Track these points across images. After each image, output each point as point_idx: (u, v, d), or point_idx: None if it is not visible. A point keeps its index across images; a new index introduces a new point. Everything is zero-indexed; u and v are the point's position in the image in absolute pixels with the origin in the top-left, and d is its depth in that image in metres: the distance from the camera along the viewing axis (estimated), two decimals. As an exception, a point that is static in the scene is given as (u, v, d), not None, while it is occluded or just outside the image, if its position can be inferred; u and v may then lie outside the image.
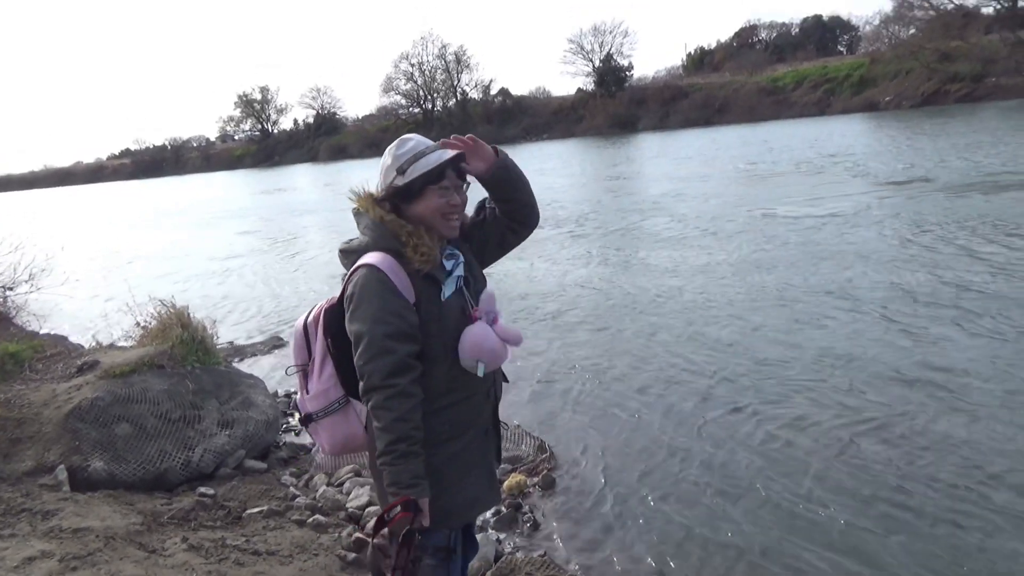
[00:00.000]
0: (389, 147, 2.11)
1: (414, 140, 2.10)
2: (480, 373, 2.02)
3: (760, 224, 11.79)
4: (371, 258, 2.00)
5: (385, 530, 1.87)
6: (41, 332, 9.03)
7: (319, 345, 2.11)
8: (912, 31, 44.11)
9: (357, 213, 2.15)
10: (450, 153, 2.06)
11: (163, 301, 5.80)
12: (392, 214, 2.05)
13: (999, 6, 40.53)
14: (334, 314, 2.10)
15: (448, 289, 2.06)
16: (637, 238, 12.10)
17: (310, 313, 2.19)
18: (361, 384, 1.95)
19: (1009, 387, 4.91)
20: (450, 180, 2.06)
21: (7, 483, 3.99)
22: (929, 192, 12.68)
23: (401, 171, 2.04)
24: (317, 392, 2.10)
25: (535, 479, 4.44)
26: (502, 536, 3.94)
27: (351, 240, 2.17)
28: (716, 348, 6.35)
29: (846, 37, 65.31)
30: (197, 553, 3.37)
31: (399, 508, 1.86)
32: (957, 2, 41.73)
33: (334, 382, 2.09)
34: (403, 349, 1.92)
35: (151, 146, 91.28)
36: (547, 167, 28.80)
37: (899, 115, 35.27)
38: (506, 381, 2.36)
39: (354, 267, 2.04)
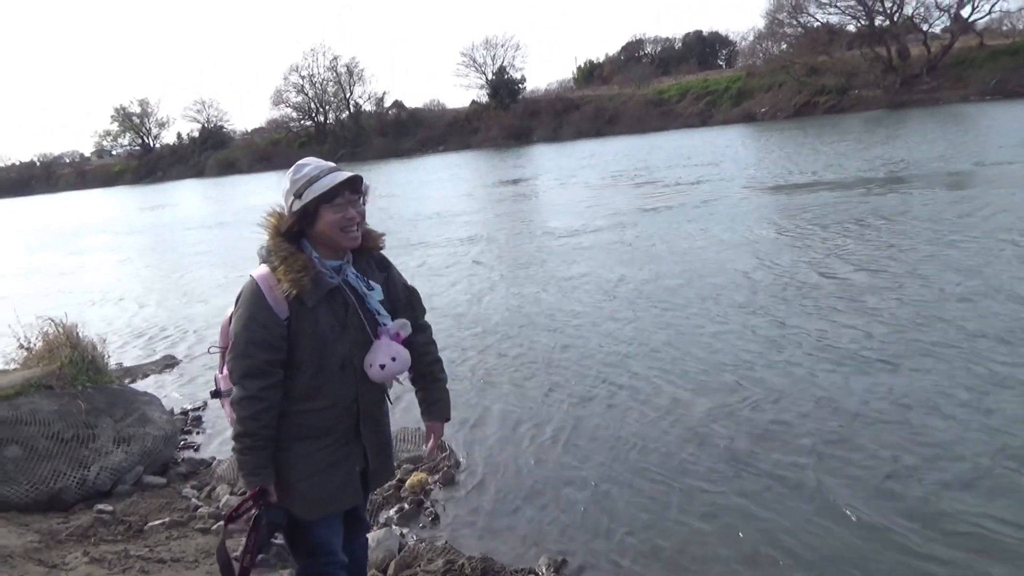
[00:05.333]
0: (288, 172, 2.30)
1: (310, 165, 2.28)
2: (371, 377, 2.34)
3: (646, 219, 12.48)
4: (257, 271, 2.30)
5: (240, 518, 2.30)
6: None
7: None
8: (783, 46, 47.29)
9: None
10: (342, 176, 2.23)
11: (52, 319, 5.64)
12: (279, 238, 2.28)
13: (859, 24, 44.06)
14: None
15: (319, 301, 2.27)
16: (534, 251, 12.52)
17: None
18: None
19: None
20: (344, 198, 2.24)
21: None
22: (798, 193, 13.82)
23: (298, 195, 2.23)
24: (228, 374, 2.35)
25: (436, 476, 4.67)
26: (405, 531, 4.14)
27: (263, 246, 2.40)
28: (597, 344, 6.77)
29: (724, 52, 69.28)
30: (100, 565, 3.39)
31: (251, 502, 2.25)
32: (823, 20, 45.16)
33: None
34: (262, 356, 2.22)
35: (17, 163, 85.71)
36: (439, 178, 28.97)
37: (774, 125, 37.71)
38: (390, 402, 2.63)
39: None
